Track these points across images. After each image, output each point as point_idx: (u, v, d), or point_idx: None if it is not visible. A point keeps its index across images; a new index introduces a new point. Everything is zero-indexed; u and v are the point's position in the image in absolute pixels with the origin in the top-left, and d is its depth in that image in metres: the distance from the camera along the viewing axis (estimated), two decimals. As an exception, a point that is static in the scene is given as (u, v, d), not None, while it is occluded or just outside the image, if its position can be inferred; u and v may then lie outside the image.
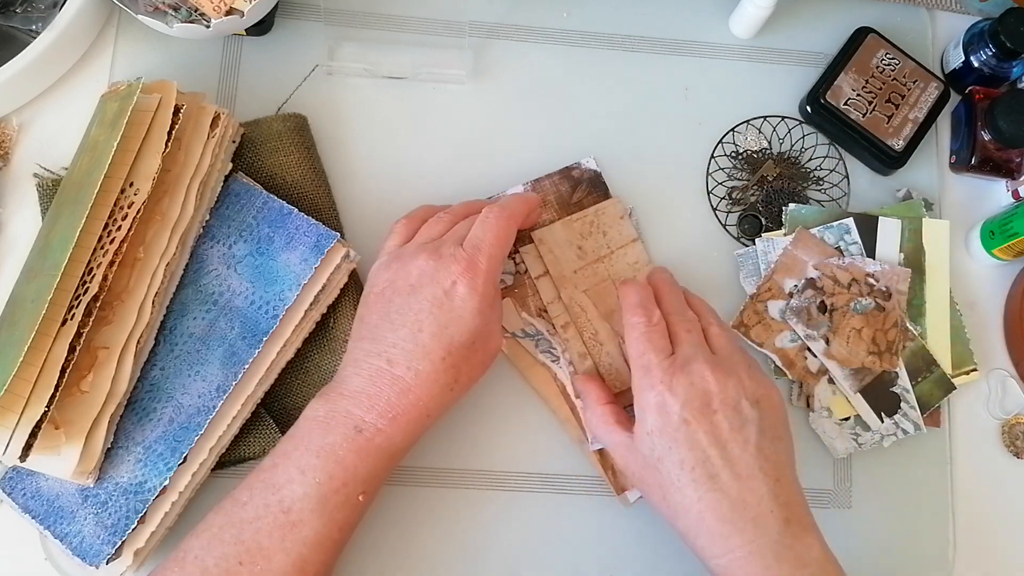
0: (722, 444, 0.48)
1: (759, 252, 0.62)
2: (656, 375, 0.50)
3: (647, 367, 0.51)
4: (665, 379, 0.49)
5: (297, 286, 0.55)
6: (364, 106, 0.64)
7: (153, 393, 0.54)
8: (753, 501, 0.48)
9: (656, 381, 0.50)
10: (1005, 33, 0.62)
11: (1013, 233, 0.61)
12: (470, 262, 0.50)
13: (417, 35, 0.65)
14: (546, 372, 0.59)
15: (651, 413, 0.50)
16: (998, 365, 0.64)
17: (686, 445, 0.48)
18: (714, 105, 0.66)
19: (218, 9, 0.56)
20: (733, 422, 0.49)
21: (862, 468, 0.61)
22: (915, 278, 0.62)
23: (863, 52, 0.65)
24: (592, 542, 0.58)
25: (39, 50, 0.57)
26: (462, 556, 0.57)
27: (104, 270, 0.51)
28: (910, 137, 0.64)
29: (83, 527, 0.52)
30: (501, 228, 0.52)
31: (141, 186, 0.53)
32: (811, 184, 0.65)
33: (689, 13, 0.68)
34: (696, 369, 0.49)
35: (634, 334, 0.52)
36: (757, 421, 0.49)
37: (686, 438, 0.49)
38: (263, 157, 0.60)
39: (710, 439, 0.48)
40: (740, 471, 0.48)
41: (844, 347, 0.60)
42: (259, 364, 0.54)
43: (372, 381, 0.49)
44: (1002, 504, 0.62)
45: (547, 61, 0.66)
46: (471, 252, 0.51)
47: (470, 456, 0.59)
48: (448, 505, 0.58)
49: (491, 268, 0.51)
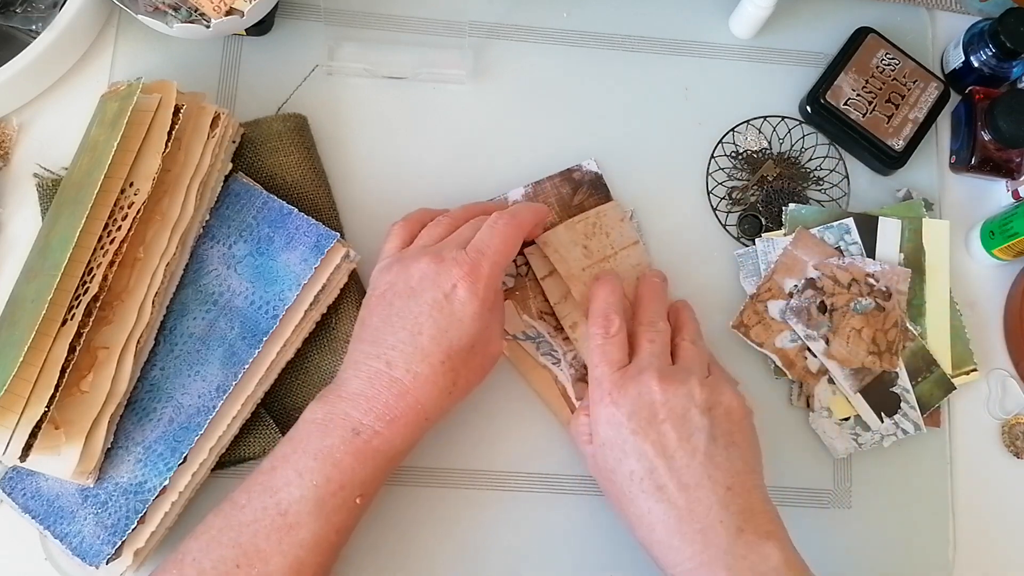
0: (669, 454, 0.48)
1: (759, 252, 0.62)
2: (605, 387, 0.51)
3: (599, 380, 0.51)
4: (613, 391, 0.50)
5: (297, 286, 0.55)
6: (364, 106, 0.64)
7: (153, 393, 0.54)
8: (702, 511, 0.47)
9: (605, 393, 0.51)
10: (1005, 33, 0.62)
11: (1013, 233, 0.61)
12: (472, 266, 0.50)
13: (417, 35, 0.65)
14: (547, 374, 0.59)
15: (602, 425, 0.50)
16: (998, 365, 0.64)
17: (634, 456, 0.49)
18: (714, 105, 0.66)
19: (218, 9, 0.56)
20: (681, 432, 0.49)
21: (862, 468, 0.61)
22: (915, 278, 0.62)
23: (863, 52, 0.65)
24: (592, 542, 0.58)
25: (39, 50, 0.57)
26: (462, 556, 0.57)
27: (104, 270, 0.51)
28: (910, 137, 0.64)
29: (83, 527, 0.52)
30: (508, 235, 0.52)
31: (141, 186, 0.53)
32: (811, 184, 0.65)
33: (689, 13, 0.68)
34: (644, 380, 0.50)
35: (591, 345, 0.53)
36: (707, 429, 0.49)
37: (633, 449, 0.49)
38: (263, 157, 0.60)
39: (657, 450, 0.48)
40: (687, 481, 0.48)
41: (844, 347, 0.60)
42: (259, 364, 0.54)
43: (371, 383, 0.49)
44: (1002, 504, 0.62)
45: (547, 61, 0.66)
46: (474, 256, 0.50)
47: (470, 456, 0.59)
48: (448, 505, 0.58)
49: (493, 274, 0.51)
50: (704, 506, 0.47)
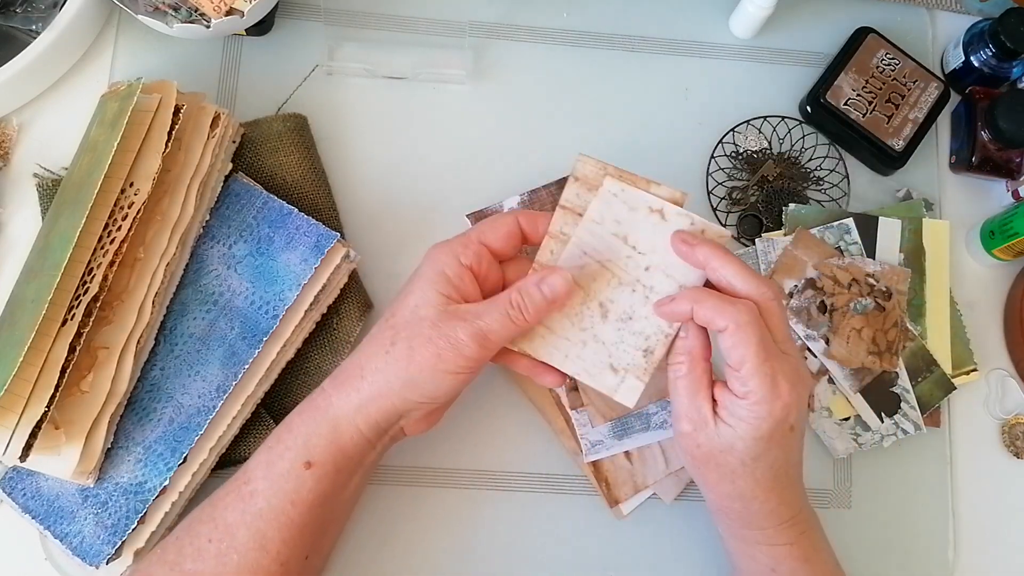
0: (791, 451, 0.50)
1: (759, 252, 0.62)
2: (807, 380, 0.49)
3: (773, 376, 0.48)
4: (792, 394, 0.48)
5: (297, 286, 0.55)
6: (364, 106, 0.64)
7: (153, 393, 0.54)
8: (796, 503, 0.51)
9: (784, 392, 0.48)
10: (1005, 33, 0.62)
11: (1013, 233, 0.61)
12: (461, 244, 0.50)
13: (417, 35, 0.65)
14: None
15: (768, 422, 0.48)
16: (998, 365, 0.64)
17: (784, 449, 0.49)
18: (714, 105, 0.66)
19: (218, 9, 0.56)
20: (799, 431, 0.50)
21: (862, 468, 0.61)
22: (915, 278, 0.62)
23: (863, 52, 0.65)
24: (592, 542, 0.58)
25: (39, 50, 0.57)
26: (462, 556, 0.57)
27: (104, 270, 0.51)
28: (910, 137, 0.64)
29: (83, 527, 0.52)
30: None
31: (141, 186, 0.53)
32: (811, 184, 0.65)
33: (689, 13, 0.68)
34: (802, 388, 0.49)
35: (779, 314, 0.50)
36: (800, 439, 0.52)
37: (788, 443, 0.49)
38: (263, 157, 0.60)
39: (795, 447, 0.50)
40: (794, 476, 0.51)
41: (844, 347, 0.60)
42: (259, 364, 0.54)
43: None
44: (1002, 504, 0.62)
45: (547, 61, 0.66)
46: (466, 238, 0.50)
47: (470, 456, 0.59)
48: (448, 505, 0.58)
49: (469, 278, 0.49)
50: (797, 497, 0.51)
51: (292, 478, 0.48)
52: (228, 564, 0.47)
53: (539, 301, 0.48)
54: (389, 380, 0.48)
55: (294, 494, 0.48)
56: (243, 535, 0.47)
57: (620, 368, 0.50)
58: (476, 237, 0.50)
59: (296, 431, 0.49)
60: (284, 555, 0.48)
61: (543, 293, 0.48)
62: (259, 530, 0.47)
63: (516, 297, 0.47)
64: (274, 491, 0.48)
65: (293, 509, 0.48)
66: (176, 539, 0.48)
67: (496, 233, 0.50)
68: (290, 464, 0.48)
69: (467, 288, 0.49)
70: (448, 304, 0.48)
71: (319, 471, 0.48)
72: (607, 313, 0.50)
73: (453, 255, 0.49)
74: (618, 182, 0.50)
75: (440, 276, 0.48)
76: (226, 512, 0.48)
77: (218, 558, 0.47)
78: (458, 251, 0.49)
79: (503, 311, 0.47)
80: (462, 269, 0.49)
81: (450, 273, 0.48)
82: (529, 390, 0.59)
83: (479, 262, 0.49)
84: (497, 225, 0.50)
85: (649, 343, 0.50)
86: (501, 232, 0.50)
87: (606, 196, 0.50)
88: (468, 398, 0.59)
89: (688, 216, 0.49)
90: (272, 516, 0.48)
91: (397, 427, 0.51)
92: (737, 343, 0.46)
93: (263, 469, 0.48)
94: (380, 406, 0.48)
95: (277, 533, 0.47)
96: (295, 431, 0.49)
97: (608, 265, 0.50)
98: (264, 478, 0.48)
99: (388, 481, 0.58)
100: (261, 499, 0.48)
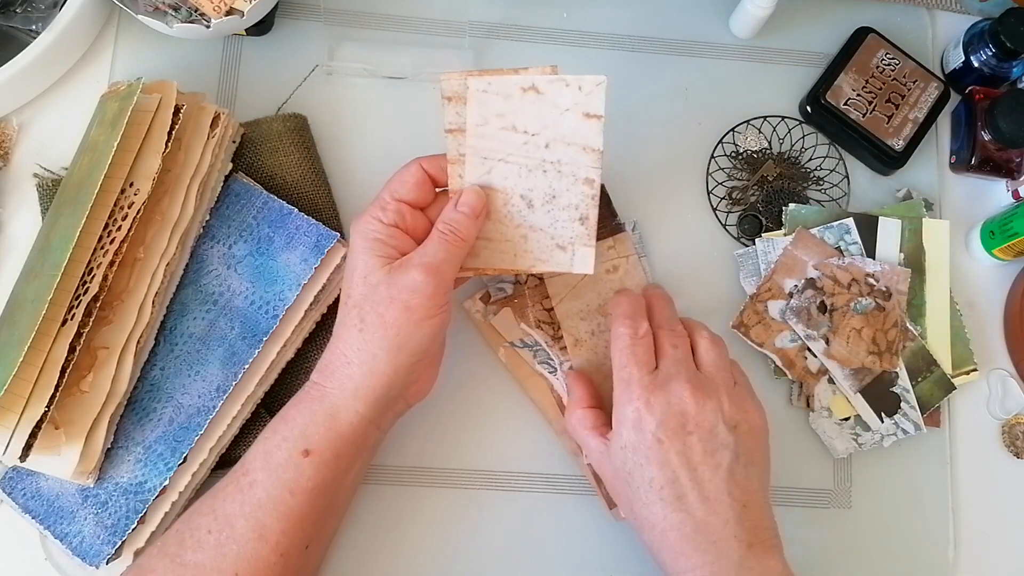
0: (693, 467, 0.48)
1: (759, 252, 0.62)
2: (635, 390, 0.50)
3: (627, 380, 0.50)
4: (643, 395, 0.49)
5: (297, 286, 0.55)
6: (364, 106, 0.64)
7: (153, 393, 0.54)
8: (718, 524, 0.48)
9: (634, 396, 0.50)
10: (1005, 33, 0.62)
11: (1013, 233, 0.61)
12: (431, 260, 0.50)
13: (417, 35, 0.65)
14: (543, 382, 0.59)
15: (626, 428, 0.50)
16: (998, 365, 0.64)
17: (657, 464, 0.49)
18: (714, 105, 0.66)
19: (218, 9, 0.56)
20: (707, 445, 0.49)
21: (862, 468, 0.61)
22: (915, 278, 0.62)
23: (863, 52, 0.65)
24: (592, 542, 0.58)
25: (39, 50, 0.57)
26: (461, 556, 0.57)
27: (104, 270, 0.51)
28: (910, 137, 0.64)
29: (83, 527, 0.52)
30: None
31: (141, 186, 0.53)
32: (811, 184, 0.65)
33: (689, 13, 0.68)
34: (675, 388, 0.49)
35: (619, 345, 0.52)
36: (732, 446, 0.49)
37: (658, 457, 0.49)
38: (263, 157, 0.60)
39: (681, 460, 0.48)
40: (708, 494, 0.48)
41: (844, 347, 0.60)
42: (259, 364, 0.54)
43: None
44: (1002, 504, 0.62)
45: (547, 61, 0.65)
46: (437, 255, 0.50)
47: (471, 456, 0.59)
48: (448, 505, 0.58)
49: (444, 270, 0.50)
50: (721, 520, 0.48)
51: (290, 467, 0.48)
52: (227, 554, 0.47)
53: (463, 219, 0.50)
54: (375, 354, 0.49)
55: (293, 483, 0.48)
56: (242, 525, 0.47)
57: (566, 244, 0.52)
58: (389, 196, 0.51)
59: (292, 421, 0.49)
60: (284, 545, 0.48)
61: (463, 212, 0.50)
62: (258, 520, 0.47)
63: (443, 226, 0.50)
64: (273, 481, 0.48)
65: (292, 498, 0.48)
66: (176, 532, 0.49)
67: (405, 186, 0.51)
68: (288, 453, 0.48)
69: (401, 243, 0.50)
70: (391, 263, 0.49)
71: (317, 459, 0.49)
72: (531, 202, 0.52)
73: (375, 219, 0.51)
74: (482, 78, 0.51)
75: (373, 242, 0.50)
76: (225, 503, 0.48)
77: (217, 548, 0.47)
78: (377, 214, 0.51)
79: (438, 241, 0.50)
80: (389, 228, 0.50)
81: (380, 236, 0.50)
82: (530, 390, 0.59)
83: (402, 218, 0.51)
84: (404, 178, 0.52)
85: (580, 211, 0.52)
86: (410, 183, 0.51)
87: (477, 96, 0.51)
88: (468, 398, 0.59)
89: (561, 79, 0.50)
90: (271, 506, 0.48)
91: (400, 400, 0.52)
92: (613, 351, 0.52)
93: (261, 459, 0.49)
94: (376, 383, 0.49)
95: (276, 523, 0.48)
96: (291, 421, 0.49)
97: (510, 159, 0.51)
98: (262, 468, 0.48)
99: (387, 481, 0.58)
100: (260, 489, 0.48)
